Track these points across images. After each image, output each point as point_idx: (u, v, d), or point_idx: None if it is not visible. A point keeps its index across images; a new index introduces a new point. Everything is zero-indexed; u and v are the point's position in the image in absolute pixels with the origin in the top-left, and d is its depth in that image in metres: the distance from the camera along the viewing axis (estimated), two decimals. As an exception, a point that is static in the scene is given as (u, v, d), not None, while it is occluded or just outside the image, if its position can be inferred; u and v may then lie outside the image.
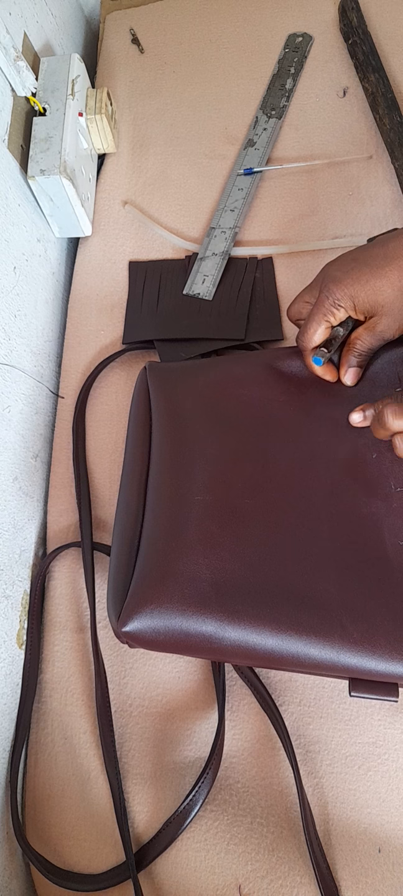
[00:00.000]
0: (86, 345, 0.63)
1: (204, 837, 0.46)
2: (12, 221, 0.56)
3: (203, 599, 0.40)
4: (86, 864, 0.46)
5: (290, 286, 0.62)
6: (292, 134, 0.67)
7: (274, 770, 0.47)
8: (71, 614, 0.54)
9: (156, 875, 0.45)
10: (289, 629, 0.39)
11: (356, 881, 0.44)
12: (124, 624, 0.40)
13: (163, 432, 0.48)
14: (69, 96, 0.59)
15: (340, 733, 0.47)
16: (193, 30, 0.74)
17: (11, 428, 0.54)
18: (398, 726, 0.47)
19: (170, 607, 0.40)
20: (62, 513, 0.57)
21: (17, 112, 0.57)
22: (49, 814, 0.48)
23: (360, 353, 0.47)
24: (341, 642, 0.39)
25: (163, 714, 0.50)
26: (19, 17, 0.59)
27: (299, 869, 0.44)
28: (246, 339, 0.59)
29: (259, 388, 0.49)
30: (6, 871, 0.46)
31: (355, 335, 0.47)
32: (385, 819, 0.45)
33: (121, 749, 0.49)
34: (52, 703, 0.51)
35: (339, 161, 0.65)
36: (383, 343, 0.47)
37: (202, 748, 0.48)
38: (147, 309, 0.62)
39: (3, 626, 0.50)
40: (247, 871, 0.45)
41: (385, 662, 0.38)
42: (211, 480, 0.45)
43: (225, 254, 0.62)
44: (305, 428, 0.47)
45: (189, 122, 0.70)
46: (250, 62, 0.71)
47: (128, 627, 0.40)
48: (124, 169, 0.69)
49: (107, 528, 0.56)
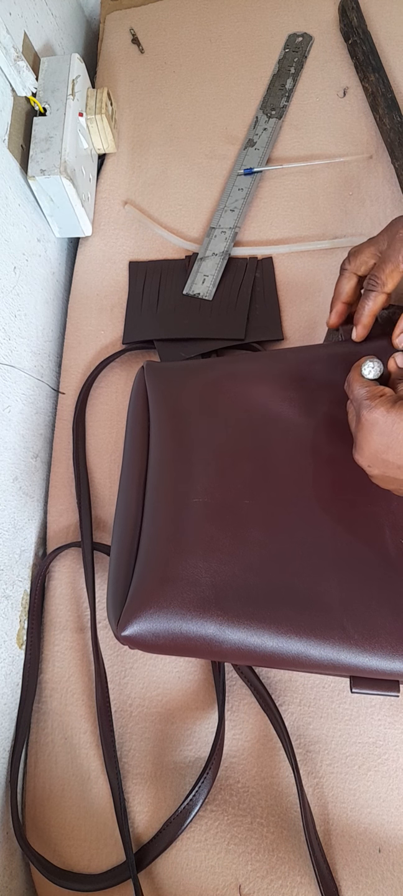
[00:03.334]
0: (87, 345, 0.63)
1: (204, 837, 0.46)
2: (12, 221, 0.56)
3: (203, 603, 0.40)
4: (86, 864, 0.46)
5: (290, 286, 0.62)
6: (292, 134, 0.67)
7: (274, 770, 0.47)
8: (71, 614, 0.54)
9: (156, 875, 0.45)
10: (290, 631, 0.39)
11: (356, 881, 0.44)
12: (124, 628, 0.40)
13: (161, 433, 0.48)
14: (69, 96, 0.59)
15: (340, 733, 0.47)
16: (193, 30, 0.74)
17: (11, 428, 0.54)
18: (398, 726, 0.47)
19: (169, 611, 0.40)
20: (62, 513, 0.57)
21: (18, 112, 0.57)
22: (49, 814, 0.48)
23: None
24: (342, 643, 0.39)
25: (163, 714, 0.50)
26: (19, 17, 0.59)
27: (299, 869, 0.44)
28: (246, 339, 0.59)
29: (258, 388, 0.49)
30: (6, 870, 0.46)
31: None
32: (385, 819, 0.45)
33: (121, 749, 0.49)
34: (53, 703, 0.51)
35: (339, 161, 0.65)
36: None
37: (202, 748, 0.48)
38: (147, 309, 0.62)
39: (3, 625, 0.50)
40: (247, 871, 0.45)
41: (387, 661, 0.38)
42: (210, 481, 0.44)
43: (226, 254, 0.62)
44: (305, 427, 0.47)
45: (189, 122, 0.70)
46: (250, 62, 0.71)
47: (127, 631, 0.40)
48: (124, 169, 0.69)
49: (107, 527, 0.56)
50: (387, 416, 0.38)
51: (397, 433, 0.37)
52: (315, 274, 0.62)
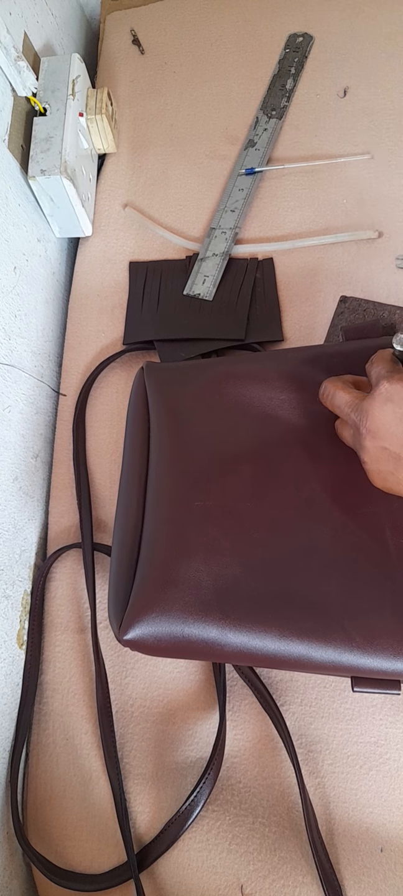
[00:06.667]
0: (87, 345, 0.63)
1: (205, 838, 0.46)
2: (12, 221, 0.55)
3: (204, 606, 0.40)
4: (87, 864, 0.46)
5: (290, 287, 0.62)
6: (292, 134, 0.68)
7: (276, 770, 0.47)
8: (72, 615, 0.53)
9: (157, 875, 0.45)
10: (291, 633, 0.39)
11: (358, 880, 0.44)
12: (126, 632, 0.40)
13: (161, 434, 0.48)
14: (69, 96, 0.59)
15: (342, 733, 0.47)
16: (194, 30, 0.74)
17: (12, 428, 0.54)
18: (400, 726, 0.47)
19: (171, 615, 0.39)
20: (63, 514, 0.57)
21: (18, 112, 0.57)
22: (51, 814, 0.48)
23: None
24: (343, 645, 0.39)
25: (164, 714, 0.50)
26: (20, 17, 0.59)
27: (301, 868, 0.44)
28: (247, 339, 0.59)
29: (259, 389, 0.49)
30: (6, 870, 0.46)
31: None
32: (386, 819, 0.45)
33: (122, 749, 0.49)
34: (54, 703, 0.51)
35: (339, 161, 0.65)
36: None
37: (203, 748, 0.48)
38: (147, 309, 0.62)
39: (4, 626, 0.50)
40: (249, 871, 0.45)
41: (389, 661, 0.38)
42: (210, 483, 0.44)
43: (226, 254, 0.62)
44: (306, 428, 0.47)
45: (189, 122, 0.70)
46: (250, 62, 0.71)
47: (129, 635, 0.40)
48: (124, 169, 0.69)
49: (108, 528, 0.56)
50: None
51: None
52: (315, 274, 0.62)
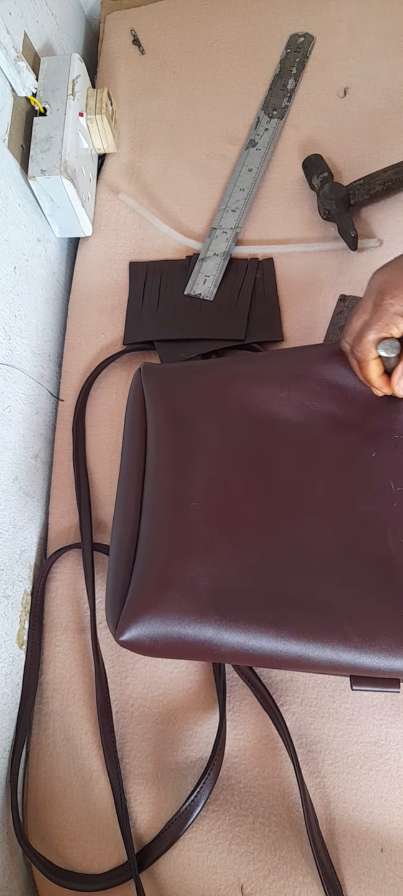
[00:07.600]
0: (87, 345, 0.63)
1: (206, 837, 0.46)
2: (12, 221, 0.55)
3: (201, 607, 0.40)
4: (87, 864, 0.46)
5: (290, 287, 0.62)
6: (293, 134, 0.67)
7: (276, 770, 0.47)
8: (72, 615, 0.53)
9: (157, 875, 0.45)
10: (289, 633, 0.39)
11: (358, 880, 0.44)
12: (122, 633, 0.40)
13: (159, 435, 0.48)
14: (69, 96, 0.59)
15: (342, 733, 0.47)
16: (194, 30, 0.74)
17: (12, 428, 0.54)
18: (400, 726, 0.47)
19: (167, 616, 0.39)
20: (64, 514, 0.57)
21: (18, 112, 0.57)
22: (51, 814, 0.48)
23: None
24: (341, 645, 0.39)
25: (164, 714, 0.50)
26: (19, 17, 0.59)
27: (301, 868, 0.44)
28: (247, 339, 0.59)
29: (258, 389, 0.49)
30: (6, 871, 0.46)
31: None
32: (387, 818, 0.45)
33: (122, 750, 0.49)
34: (54, 704, 0.51)
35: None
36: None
37: (203, 749, 0.48)
38: (147, 309, 0.62)
39: (4, 625, 0.50)
40: (250, 870, 0.45)
41: (388, 660, 0.38)
42: (209, 483, 0.44)
43: (227, 254, 0.62)
44: (304, 427, 0.47)
45: (189, 122, 0.70)
46: (251, 62, 0.71)
47: (125, 636, 0.40)
48: (124, 169, 0.69)
49: (107, 528, 0.56)
50: None
51: None
52: (315, 274, 0.62)
